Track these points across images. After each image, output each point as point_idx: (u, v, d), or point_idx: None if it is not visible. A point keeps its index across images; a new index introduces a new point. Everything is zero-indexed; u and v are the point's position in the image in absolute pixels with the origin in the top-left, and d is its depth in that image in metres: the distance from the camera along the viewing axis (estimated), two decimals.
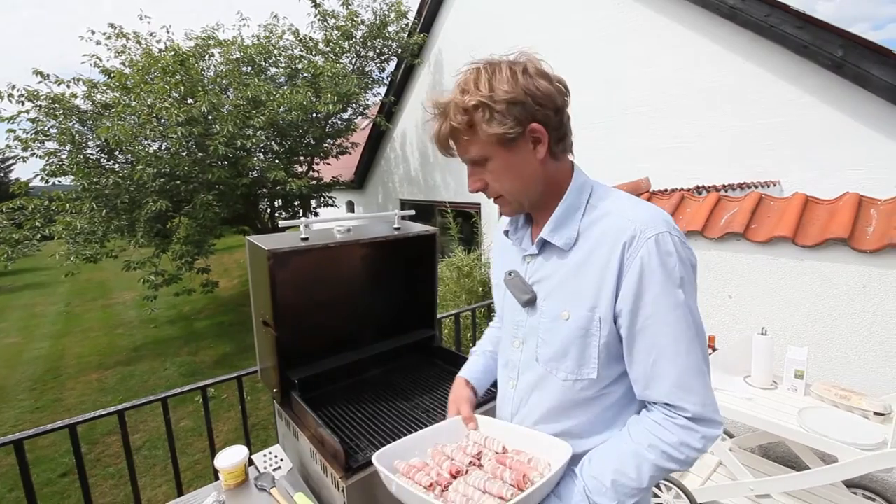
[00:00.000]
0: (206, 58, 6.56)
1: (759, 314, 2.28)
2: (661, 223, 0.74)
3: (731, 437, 2.22)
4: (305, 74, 6.75)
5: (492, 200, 0.86)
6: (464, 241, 5.28)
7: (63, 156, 5.60)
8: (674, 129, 4.20)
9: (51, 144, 5.59)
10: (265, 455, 1.39)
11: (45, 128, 5.57)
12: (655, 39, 4.18)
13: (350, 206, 10.58)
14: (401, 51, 7.16)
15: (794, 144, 3.50)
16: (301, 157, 7.48)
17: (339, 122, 7.54)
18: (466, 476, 0.84)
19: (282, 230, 1.71)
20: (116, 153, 5.89)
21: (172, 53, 5.75)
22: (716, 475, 2.04)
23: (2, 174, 25.17)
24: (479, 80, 0.74)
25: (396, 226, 1.71)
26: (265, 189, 6.92)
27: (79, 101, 5.81)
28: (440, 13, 6.74)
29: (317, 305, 1.70)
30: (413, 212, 1.89)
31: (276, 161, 6.58)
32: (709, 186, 3.22)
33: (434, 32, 6.95)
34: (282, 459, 1.39)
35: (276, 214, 8.26)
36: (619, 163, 4.49)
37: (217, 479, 1.33)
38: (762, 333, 1.88)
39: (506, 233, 0.94)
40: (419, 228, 1.71)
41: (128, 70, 5.85)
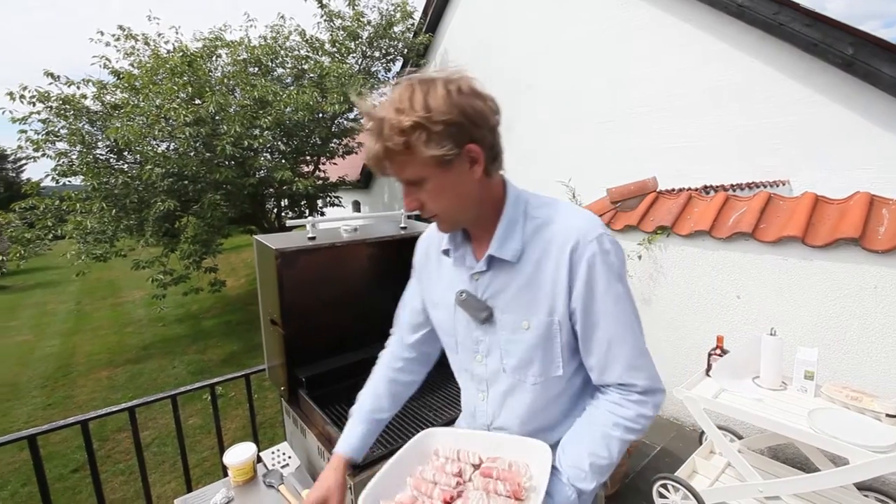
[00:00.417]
0: (214, 59, 6.61)
1: (768, 315, 2.26)
2: (598, 226, 0.81)
3: (740, 439, 2.20)
4: (312, 75, 6.78)
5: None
6: None
7: (73, 156, 5.68)
8: (680, 129, 4.17)
9: (61, 145, 5.67)
10: (273, 452, 1.41)
11: (56, 128, 5.65)
12: (661, 38, 4.16)
13: (356, 206, 10.61)
14: (406, 51, 7.18)
15: (804, 143, 3.47)
16: (307, 157, 7.53)
17: (346, 122, 7.57)
18: (466, 501, 0.80)
19: (289, 229, 1.73)
20: (125, 153, 5.97)
21: (180, 54, 5.80)
22: (724, 476, 2.02)
23: (14, 174, 25.55)
24: (415, 99, 0.71)
25: (403, 225, 1.72)
26: (272, 189, 6.97)
27: (88, 102, 5.88)
28: (446, 13, 6.75)
29: (324, 304, 1.71)
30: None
31: (283, 161, 6.62)
32: (716, 186, 3.20)
33: (440, 32, 6.96)
34: (290, 457, 1.40)
35: (283, 214, 8.31)
36: (625, 162, 4.47)
37: (226, 476, 1.34)
38: (771, 334, 1.86)
39: (446, 252, 0.93)
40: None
41: (136, 71, 5.92)
